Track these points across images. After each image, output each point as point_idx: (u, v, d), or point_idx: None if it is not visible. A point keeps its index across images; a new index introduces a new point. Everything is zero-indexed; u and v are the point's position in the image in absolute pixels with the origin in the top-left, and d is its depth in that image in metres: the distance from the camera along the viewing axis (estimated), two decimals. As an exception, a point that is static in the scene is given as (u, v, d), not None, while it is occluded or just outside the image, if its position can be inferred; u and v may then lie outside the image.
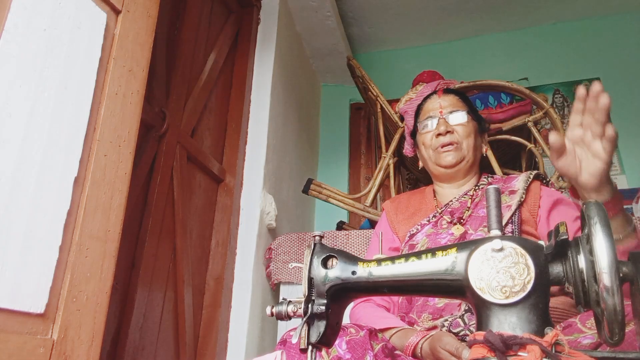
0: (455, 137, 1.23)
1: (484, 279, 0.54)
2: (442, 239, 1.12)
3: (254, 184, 1.88)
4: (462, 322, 0.96)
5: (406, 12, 2.71)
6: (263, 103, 2.01)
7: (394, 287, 0.64)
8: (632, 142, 2.43)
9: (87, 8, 0.90)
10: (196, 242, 1.64)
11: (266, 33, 2.14)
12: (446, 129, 1.23)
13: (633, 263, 0.51)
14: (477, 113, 1.31)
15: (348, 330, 0.88)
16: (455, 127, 1.24)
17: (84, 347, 0.81)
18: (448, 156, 1.22)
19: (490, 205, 0.61)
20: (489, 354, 0.50)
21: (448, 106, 1.28)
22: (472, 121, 1.27)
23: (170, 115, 1.48)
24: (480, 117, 1.32)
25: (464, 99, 1.32)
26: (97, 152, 0.89)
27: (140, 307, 1.31)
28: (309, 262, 0.64)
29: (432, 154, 1.26)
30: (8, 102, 0.74)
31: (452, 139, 1.22)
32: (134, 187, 1.28)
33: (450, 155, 1.22)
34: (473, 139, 1.24)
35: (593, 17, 2.72)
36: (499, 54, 2.78)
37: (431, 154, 1.26)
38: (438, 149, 1.23)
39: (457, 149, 1.22)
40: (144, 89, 1.03)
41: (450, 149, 1.22)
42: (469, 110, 1.28)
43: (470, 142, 1.23)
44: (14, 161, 0.74)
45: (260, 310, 1.76)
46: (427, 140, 1.27)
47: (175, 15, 1.62)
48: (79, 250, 0.83)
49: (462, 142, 1.23)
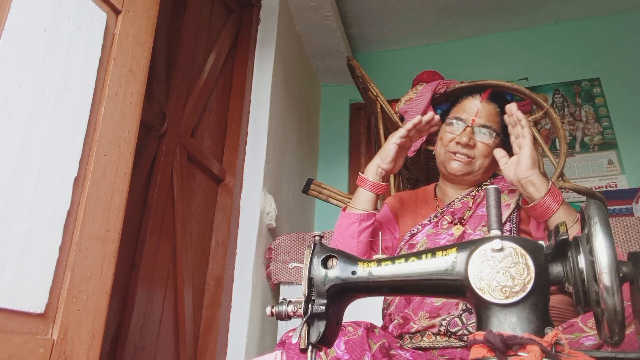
0: (473, 152, 1.18)
1: (484, 279, 0.54)
2: (442, 240, 1.12)
3: (254, 184, 1.88)
4: (459, 321, 0.96)
5: (406, 12, 2.71)
6: (263, 103, 2.01)
7: (394, 287, 0.64)
8: (632, 142, 2.43)
9: (87, 8, 0.90)
10: (196, 242, 1.64)
11: (266, 33, 2.14)
12: (467, 142, 1.17)
13: (633, 263, 0.51)
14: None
15: (346, 330, 0.88)
16: (477, 143, 1.18)
17: (84, 347, 0.81)
18: (457, 165, 1.18)
19: (490, 205, 0.61)
20: (489, 354, 0.50)
21: (483, 117, 1.20)
22: (496, 140, 1.20)
23: (170, 115, 1.48)
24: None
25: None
26: (97, 152, 0.89)
27: (140, 307, 1.31)
28: (309, 262, 0.64)
29: (443, 154, 1.22)
30: (8, 102, 0.74)
31: (468, 153, 1.17)
32: (134, 187, 1.28)
33: (460, 166, 1.18)
34: (489, 161, 1.19)
35: (593, 17, 2.72)
36: (499, 54, 2.78)
37: (443, 153, 1.22)
38: (451, 153, 1.19)
39: (469, 164, 1.18)
40: (144, 89, 1.03)
41: (462, 159, 1.18)
42: (499, 133, 1.20)
43: (485, 163, 1.19)
44: (14, 161, 0.74)
45: (260, 310, 1.76)
46: (445, 139, 1.22)
47: (175, 15, 1.62)
48: (79, 250, 0.83)
49: (477, 159, 1.18)
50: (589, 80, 2.62)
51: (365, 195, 1.15)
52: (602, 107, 2.57)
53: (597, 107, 2.58)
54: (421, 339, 0.99)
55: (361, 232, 1.13)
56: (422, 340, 0.99)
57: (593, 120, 2.56)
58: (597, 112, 2.57)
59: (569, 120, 2.58)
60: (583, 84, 2.61)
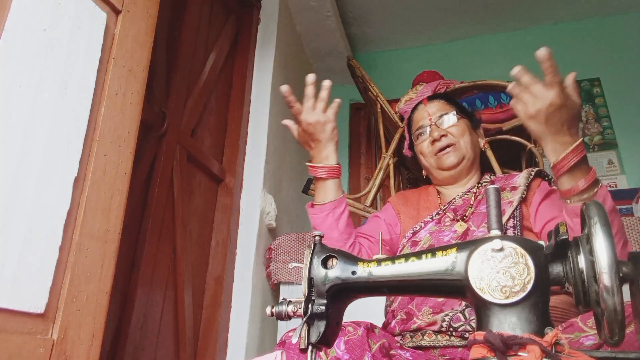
0: (451, 138, 1.24)
1: (484, 279, 0.54)
2: (445, 237, 1.12)
3: (254, 184, 1.88)
4: (462, 316, 0.96)
5: (406, 12, 2.71)
6: (263, 103, 2.01)
7: (394, 287, 0.64)
8: (632, 142, 2.43)
9: (87, 8, 0.90)
10: (196, 242, 1.64)
11: (266, 33, 2.14)
12: (440, 134, 1.24)
13: (633, 263, 0.51)
14: (466, 110, 1.33)
15: (346, 330, 0.88)
16: (448, 130, 1.25)
17: (84, 347, 0.81)
18: (448, 158, 1.23)
19: (491, 205, 0.61)
20: (489, 354, 0.50)
21: (436, 112, 1.29)
22: (463, 119, 1.28)
23: (170, 115, 1.48)
24: (470, 112, 1.33)
25: (449, 100, 1.34)
26: (97, 152, 0.89)
27: (140, 307, 1.31)
28: (309, 262, 0.64)
29: (432, 161, 1.27)
30: (8, 102, 0.74)
31: (448, 141, 1.24)
32: (134, 187, 1.28)
33: (451, 157, 1.23)
34: (469, 136, 1.26)
35: (593, 17, 2.72)
36: (499, 54, 2.78)
37: (431, 161, 1.27)
38: (437, 155, 1.24)
39: (456, 149, 1.23)
40: (144, 89, 1.03)
41: (449, 151, 1.23)
42: (457, 110, 1.29)
43: (467, 140, 1.25)
44: (14, 161, 0.74)
45: (260, 310, 1.76)
46: (424, 149, 1.28)
47: (175, 15, 1.62)
48: (79, 250, 0.83)
49: (458, 141, 1.24)
50: (589, 81, 2.62)
51: (325, 185, 1.15)
52: (602, 107, 2.57)
53: (597, 107, 2.58)
54: (422, 337, 0.99)
55: (338, 220, 1.13)
56: (422, 339, 0.99)
57: (593, 121, 2.56)
58: (597, 112, 2.57)
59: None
60: (583, 84, 2.61)
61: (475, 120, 1.33)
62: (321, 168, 1.14)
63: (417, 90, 1.88)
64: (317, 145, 1.14)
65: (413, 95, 1.86)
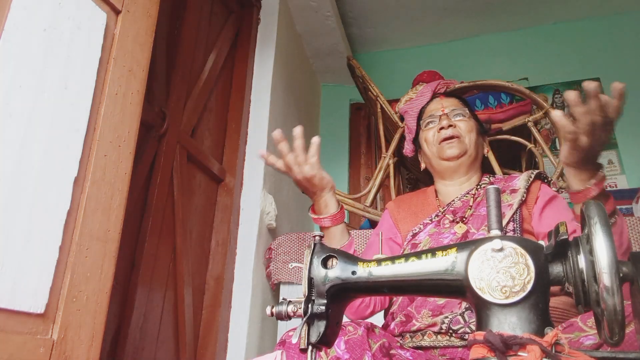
0: (458, 131, 1.27)
1: (484, 279, 0.54)
2: (445, 238, 1.12)
3: (254, 184, 1.88)
4: (462, 319, 0.96)
5: (406, 12, 2.71)
6: (263, 103, 2.01)
7: (394, 287, 0.64)
8: (632, 142, 2.43)
9: (87, 8, 0.90)
10: (196, 242, 1.64)
11: (266, 33, 2.14)
12: (449, 123, 1.27)
13: (633, 263, 0.51)
14: (477, 117, 1.37)
15: (346, 329, 0.88)
16: (457, 122, 1.28)
17: (84, 347, 0.81)
18: (451, 148, 1.25)
19: (491, 205, 0.61)
20: (489, 354, 0.50)
21: (450, 106, 1.33)
22: (473, 120, 1.32)
23: (170, 115, 1.48)
24: (480, 121, 1.37)
25: (465, 103, 1.38)
26: (97, 152, 0.89)
27: (140, 307, 1.31)
28: (309, 262, 0.64)
29: (434, 149, 1.28)
30: (8, 102, 0.74)
31: (454, 133, 1.26)
32: (134, 187, 1.28)
33: (454, 147, 1.25)
34: (475, 135, 1.28)
35: (593, 17, 2.72)
36: (499, 54, 2.78)
37: (434, 149, 1.29)
38: (441, 143, 1.27)
39: (460, 142, 1.25)
40: (144, 89, 1.03)
41: (453, 142, 1.25)
42: (470, 111, 1.33)
43: (473, 138, 1.27)
44: (14, 161, 0.74)
45: (260, 310, 1.76)
46: (429, 136, 1.30)
47: (175, 15, 1.62)
48: (79, 250, 0.83)
49: (464, 135, 1.27)
50: (589, 80, 2.62)
51: (330, 232, 1.17)
52: (602, 107, 2.56)
53: (597, 107, 2.57)
54: (422, 338, 0.99)
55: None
56: (422, 339, 0.99)
57: (593, 120, 2.55)
58: (597, 112, 2.56)
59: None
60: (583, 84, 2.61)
61: (484, 127, 1.37)
62: (324, 218, 1.16)
63: (417, 90, 1.88)
64: (315, 195, 1.17)
65: (413, 95, 1.86)
